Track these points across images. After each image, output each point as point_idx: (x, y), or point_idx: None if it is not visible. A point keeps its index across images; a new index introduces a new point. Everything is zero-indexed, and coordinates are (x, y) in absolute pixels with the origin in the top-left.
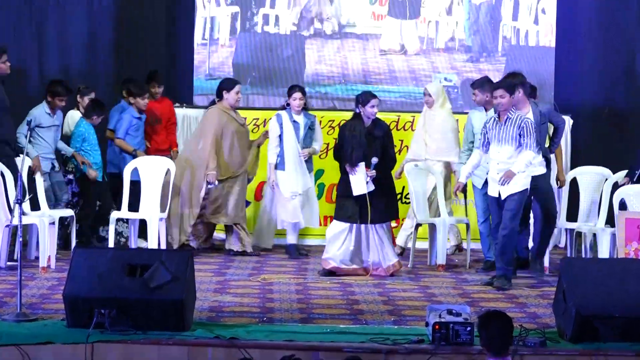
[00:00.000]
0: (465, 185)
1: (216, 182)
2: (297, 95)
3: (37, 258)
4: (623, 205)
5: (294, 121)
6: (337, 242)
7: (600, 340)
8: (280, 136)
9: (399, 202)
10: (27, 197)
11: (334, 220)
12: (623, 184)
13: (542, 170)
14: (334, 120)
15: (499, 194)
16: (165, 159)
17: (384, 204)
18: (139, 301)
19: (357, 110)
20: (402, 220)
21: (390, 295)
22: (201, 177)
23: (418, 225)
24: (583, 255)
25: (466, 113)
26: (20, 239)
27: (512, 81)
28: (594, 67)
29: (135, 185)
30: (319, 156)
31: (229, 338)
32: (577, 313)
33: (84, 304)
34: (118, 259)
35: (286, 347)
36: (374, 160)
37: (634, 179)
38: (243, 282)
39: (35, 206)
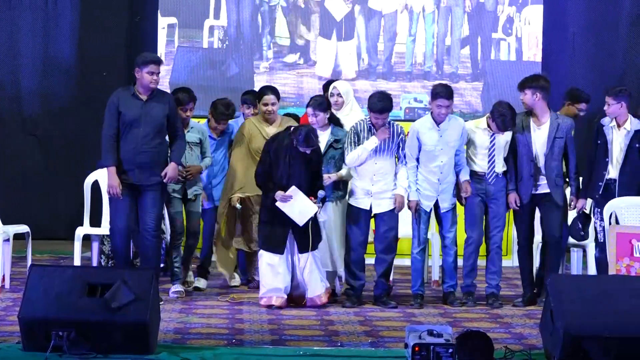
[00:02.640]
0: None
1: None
2: (309, 111)
3: None
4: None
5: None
6: (273, 273)
7: None
8: None
9: None
10: None
11: (263, 251)
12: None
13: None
14: None
15: (370, 208)
16: None
17: (311, 231)
18: (99, 323)
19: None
20: None
21: (368, 316)
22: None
23: None
24: (572, 272)
25: None
26: None
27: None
28: (582, 82)
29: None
30: None
31: None
32: (565, 333)
33: (41, 326)
34: (77, 278)
35: None
36: (321, 193)
37: (598, 193)
38: (210, 302)
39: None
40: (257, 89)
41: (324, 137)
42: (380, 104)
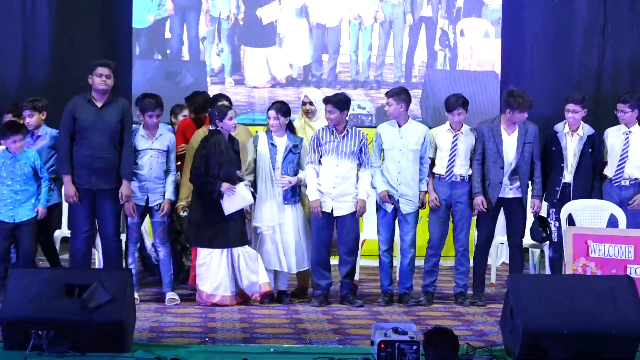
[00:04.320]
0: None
1: None
2: (271, 113)
3: None
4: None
5: (272, 144)
6: (223, 272)
7: (549, 358)
8: (256, 161)
9: None
10: None
11: (199, 249)
12: (535, 212)
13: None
14: None
15: (332, 211)
16: None
17: (239, 226)
18: (77, 322)
19: (214, 127)
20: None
21: (335, 314)
22: None
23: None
24: (530, 272)
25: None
26: None
27: (343, 99)
28: (540, 88)
29: None
30: None
31: (171, 359)
32: (525, 331)
33: (21, 326)
34: (55, 279)
35: None
36: (239, 173)
37: (556, 197)
38: (184, 301)
39: None
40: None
41: (281, 142)
42: (330, 97)
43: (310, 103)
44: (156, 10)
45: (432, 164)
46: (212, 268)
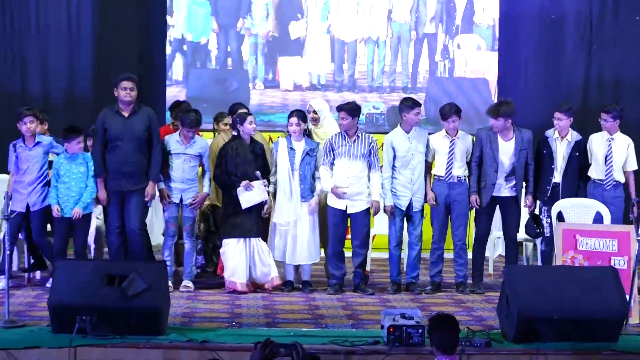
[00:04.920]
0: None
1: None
2: (293, 120)
3: (21, 270)
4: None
5: (291, 148)
6: (237, 260)
7: (541, 341)
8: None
9: None
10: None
11: (227, 240)
12: (528, 206)
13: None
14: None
15: (346, 208)
16: None
17: (255, 219)
18: (117, 308)
19: (236, 132)
20: None
21: (349, 301)
22: None
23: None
24: (524, 263)
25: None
26: (8, 252)
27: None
28: (534, 99)
29: None
30: None
31: (201, 341)
32: (519, 316)
33: (67, 311)
34: (98, 270)
35: (253, 349)
36: (257, 173)
37: (546, 196)
38: (213, 290)
39: None
40: (255, 102)
41: (299, 146)
42: (343, 105)
43: (315, 112)
44: (207, 29)
45: (430, 167)
46: (229, 256)
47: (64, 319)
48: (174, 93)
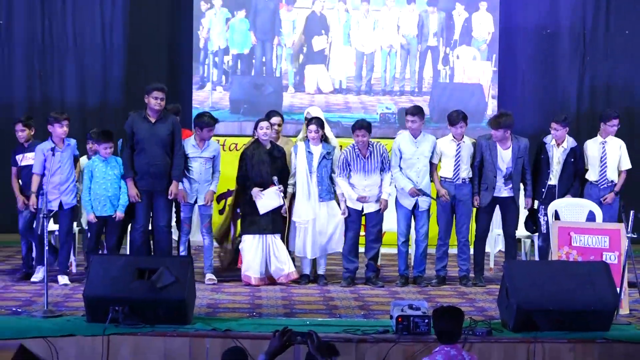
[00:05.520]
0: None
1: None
2: (312, 127)
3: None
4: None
5: (309, 152)
6: (252, 255)
7: (538, 330)
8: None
9: None
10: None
11: (245, 235)
12: (526, 208)
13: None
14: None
15: (362, 208)
16: None
17: (271, 218)
18: (147, 300)
19: (256, 136)
20: None
21: (360, 293)
22: None
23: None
24: (523, 258)
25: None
26: (47, 247)
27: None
28: (531, 107)
29: None
30: None
31: (224, 330)
32: (518, 307)
33: (101, 303)
34: (129, 264)
35: (272, 337)
36: (275, 179)
37: (542, 197)
38: (235, 282)
39: None
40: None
41: (317, 150)
42: (359, 122)
43: (311, 120)
44: (247, 41)
45: (435, 168)
46: (245, 252)
47: (98, 310)
48: (218, 97)
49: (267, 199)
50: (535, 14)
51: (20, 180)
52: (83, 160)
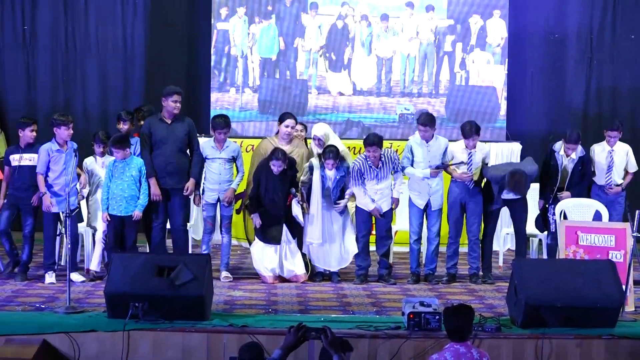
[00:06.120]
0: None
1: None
2: (330, 161)
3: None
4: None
5: (323, 175)
6: (264, 255)
7: (546, 326)
8: (311, 180)
9: None
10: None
11: (259, 242)
12: (540, 208)
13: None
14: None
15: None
16: None
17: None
18: (166, 296)
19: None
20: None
21: (373, 290)
22: None
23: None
24: (531, 257)
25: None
26: (69, 246)
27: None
28: (540, 110)
29: None
30: None
31: (241, 326)
32: (526, 304)
33: (122, 299)
34: (149, 262)
35: (287, 332)
36: (292, 190)
37: (550, 201)
38: (251, 280)
39: None
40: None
41: (332, 174)
42: (370, 138)
43: (319, 139)
44: (275, 46)
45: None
46: (256, 253)
47: (119, 306)
48: (248, 98)
49: (295, 209)
50: (543, 19)
51: (11, 180)
52: (89, 160)
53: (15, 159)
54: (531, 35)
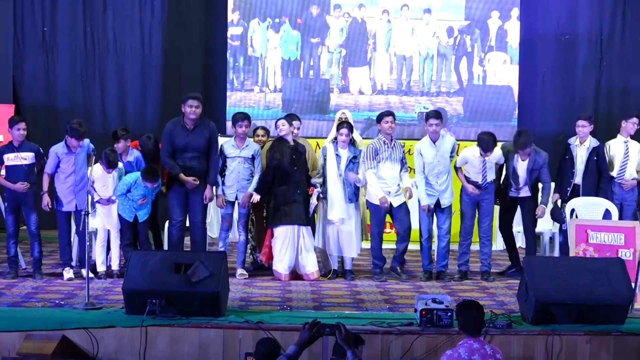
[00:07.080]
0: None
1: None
2: (344, 131)
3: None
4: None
5: (337, 155)
6: (283, 247)
7: (556, 323)
8: (324, 167)
9: None
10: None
11: (277, 229)
12: (539, 216)
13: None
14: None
15: (390, 203)
16: None
17: (303, 209)
18: (183, 293)
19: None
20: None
21: (386, 287)
22: None
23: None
24: (541, 254)
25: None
26: (88, 244)
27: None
28: (550, 109)
29: None
30: None
31: (256, 322)
32: (536, 301)
33: (139, 296)
34: (166, 259)
35: (302, 329)
36: (313, 181)
37: (566, 197)
38: (266, 276)
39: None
40: (333, 104)
41: (345, 153)
42: (384, 112)
43: (342, 124)
44: (297, 47)
45: (460, 170)
46: (276, 247)
47: (137, 302)
48: (272, 97)
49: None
50: (554, 21)
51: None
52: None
53: (9, 158)
54: (542, 37)
